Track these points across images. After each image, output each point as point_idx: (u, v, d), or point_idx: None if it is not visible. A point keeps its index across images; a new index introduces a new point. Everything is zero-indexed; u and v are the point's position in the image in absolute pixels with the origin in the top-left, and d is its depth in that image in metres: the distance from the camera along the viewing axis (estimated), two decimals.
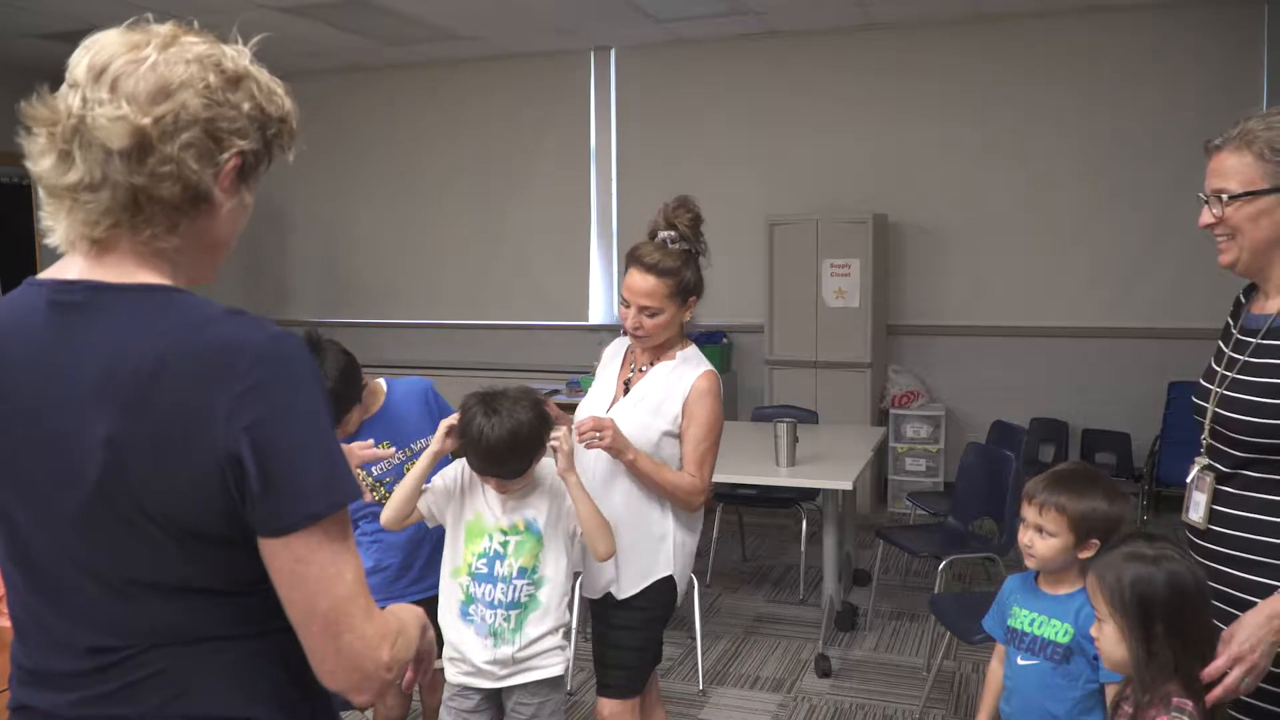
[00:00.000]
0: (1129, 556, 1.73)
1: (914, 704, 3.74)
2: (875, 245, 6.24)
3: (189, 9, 5.85)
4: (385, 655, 1.09)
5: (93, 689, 1.09)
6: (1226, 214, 1.80)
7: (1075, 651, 2.08)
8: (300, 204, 8.04)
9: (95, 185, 1.05)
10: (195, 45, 1.09)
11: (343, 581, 1.06)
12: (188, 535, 1.05)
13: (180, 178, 1.06)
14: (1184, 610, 1.67)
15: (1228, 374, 1.87)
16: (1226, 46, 5.99)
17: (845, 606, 4.47)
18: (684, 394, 2.50)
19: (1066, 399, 6.39)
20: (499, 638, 2.32)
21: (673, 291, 2.44)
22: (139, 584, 1.07)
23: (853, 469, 4.11)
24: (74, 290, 1.08)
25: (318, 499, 1.05)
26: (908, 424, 6.46)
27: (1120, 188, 6.22)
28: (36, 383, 1.06)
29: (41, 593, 1.11)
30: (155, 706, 1.08)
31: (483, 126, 7.59)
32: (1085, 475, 2.19)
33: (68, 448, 1.04)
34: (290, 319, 7.98)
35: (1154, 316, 6.20)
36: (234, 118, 1.10)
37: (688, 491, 2.50)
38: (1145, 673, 1.66)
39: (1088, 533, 2.10)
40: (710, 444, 2.52)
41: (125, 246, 1.08)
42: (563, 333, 7.46)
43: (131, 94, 1.04)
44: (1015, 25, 6.36)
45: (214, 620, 1.10)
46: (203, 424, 1.02)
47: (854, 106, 6.72)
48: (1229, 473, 1.85)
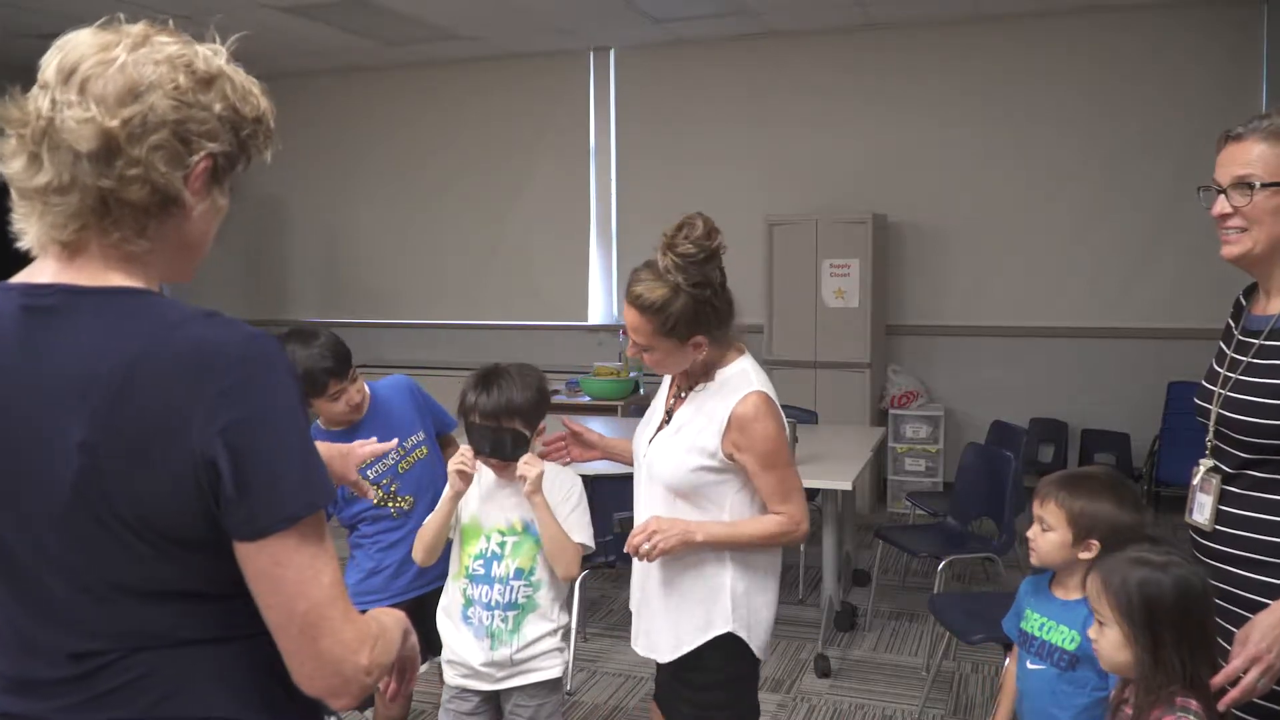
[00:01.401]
0: (1135, 561, 1.70)
1: (913, 704, 3.74)
2: (874, 245, 6.24)
3: (190, 8, 5.88)
4: (365, 659, 1.08)
5: (78, 695, 1.07)
6: (1255, 201, 1.75)
7: (1082, 659, 2.05)
8: (300, 204, 8.04)
9: (64, 188, 1.03)
10: (167, 45, 1.07)
11: (320, 584, 1.05)
12: (165, 539, 1.04)
13: (149, 180, 1.05)
14: (1191, 617, 1.65)
15: (1231, 375, 1.87)
16: (1226, 46, 5.99)
17: (844, 606, 4.46)
18: (721, 426, 2.16)
19: (1066, 399, 6.39)
20: (496, 639, 2.32)
21: (658, 330, 2.12)
22: (120, 588, 1.06)
23: (852, 469, 4.10)
24: (46, 294, 1.06)
25: (294, 501, 1.04)
26: (907, 424, 6.46)
27: (1120, 188, 6.23)
28: (9, 387, 1.05)
29: (22, 600, 1.09)
30: (142, 710, 1.07)
31: (482, 126, 7.59)
32: (1098, 476, 2.13)
33: (43, 453, 1.03)
34: (290, 319, 7.98)
35: (1153, 317, 6.21)
36: (204, 119, 1.08)
37: (782, 534, 2.19)
38: (1151, 680, 1.65)
39: (1087, 531, 2.06)
40: (782, 470, 2.18)
41: (95, 249, 1.07)
42: (562, 333, 7.46)
43: (100, 96, 1.02)
44: (1015, 25, 6.36)
45: (200, 623, 1.09)
46: (177, 427, 1.01)
47: (853, 106, 6.72)
48: (1234, 473, 1.85)
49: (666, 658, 2.26)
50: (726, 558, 2.21)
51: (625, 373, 6.55)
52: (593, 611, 4.70)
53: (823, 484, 4.03)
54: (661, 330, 2.12)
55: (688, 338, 2.14)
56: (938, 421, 6.40)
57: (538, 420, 2.38)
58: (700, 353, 2.18)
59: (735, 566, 2.21)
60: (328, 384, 2.59)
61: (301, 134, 7.53)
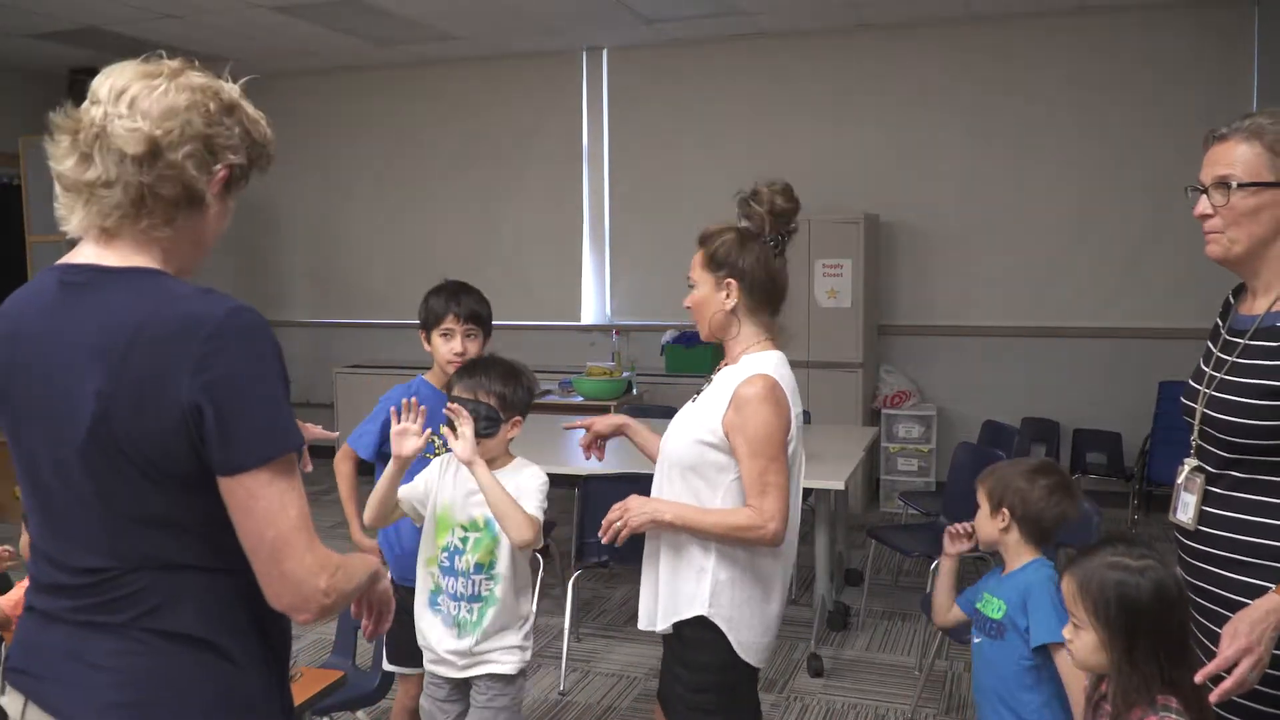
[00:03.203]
0: (1111, 565, 1.70)
1: (906, 703, 3.74)
2: (867, 245, 6.25)
3: (187, 9, 5.87)
4: (323, 583, 1.29)
5: (87, 600, 1.31)
6: (1232, 202, 1.77)
7: (1007, 627, 2.17)
8: (290, 202, 8.02)
9: (110, 183, 1.29)
10: (197, 78, 1.35)
11: (287, 516, 1.27)
12: (160, 473, 1.26)
13: (181, 180, 1.31)
14: (1169, 620, 1.65)
15: (1216, 374, 1.87)
16: (1217, 48, 6.02)
17: (837, 606, 4.47)
18: (725, 402, 2.17)
19: (1058, 399, 6.41)
20: (462, 629, 2.37)
21: (704, 261, 2.24)
22: (123, 514, 1.28)
23: (844, 469, 4.11)
24: (81, 272, 1.32)
25: (264, 445, 1.26)
26: (899, 424, 6.47)
27: (1111, 188, 6.25)
28: (46, 347, 1.30)
29: (51, 522, 1.34)
30: (131, 618, 1.30)
31: (475, 126, 7.58)
32: (1025, 460, 2.36)
33: (68, 400, 1.26)
34: (283, 319, 7.98)
35: (1145, 317, 6.23)
36: (228, 136, 1.35)
37: (749, 527, 2.14)
38: (1128, 682, 1.64)
39: (999, 502, 2.25)
40: (767, 461, 2.14)
41: (127, 235, 1.32)
42: (555, 333, 7.46)
43: (146, 111, 1.29)
44: (1006, 26, 6.38)
45: (184, 550, 1.30)
46: (169, 380, 1.23)
47: (846, 107, 6.73)
48: (1217, 473, 1.85)
49: (646, 626, 2.33)
50: (711, 544, 2.21)
51: (618, 373, 6.54)
52: (586, 612, 4.70)
53: (815, 483, 4.03)
54: (706, 263, 2.25)
55: (723, 276, 2.22)
56: (930, 421, 6.41)
57: (515, 409, 2.40)
58: (730, 299, 2.22)
59: (718, 555, 2.21)
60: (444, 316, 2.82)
61: (293, 133, 7.49)
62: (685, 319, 7.18)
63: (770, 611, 2.27)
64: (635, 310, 7.34)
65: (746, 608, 2.23)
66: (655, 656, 4.24)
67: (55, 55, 7.11)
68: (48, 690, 1.33)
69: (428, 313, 2.88)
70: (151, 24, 6.17)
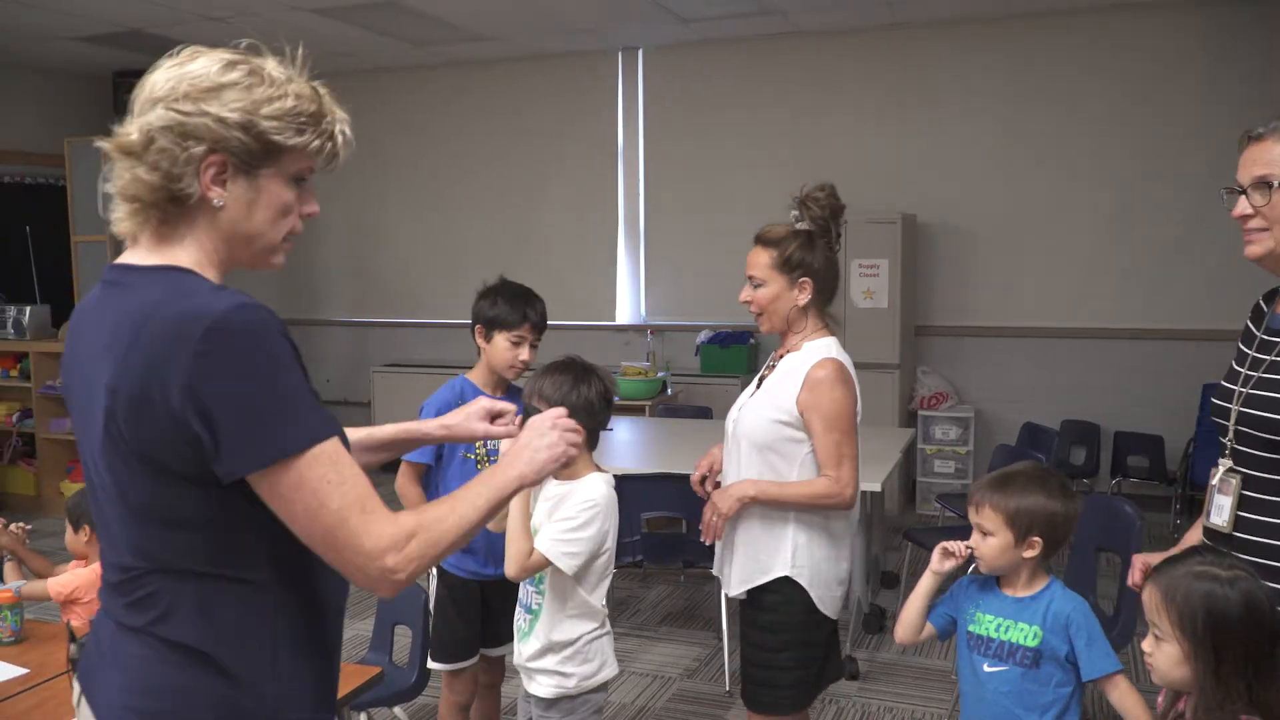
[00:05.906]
0: (1199, 575, 1.63)
1: (942, 708, 3.71)
2: (904, 245, 6.20)
3: (230, 11, 5.94)
4: (389, 561, 1.24)
5: (119, 598, 1.31)
6: (1274, 201, 1.74)
7: (1045, 655, 2.01)
8: (329, 202, 8.06)
9: (120, 190, 1.30)
10: (182, 65, 1.31)
11: (327, 510, 1.22)
12: (164, 470, 1.23)
13: (161, 174, 1.27)
14: (1259, 635, 1.58)
15: (1253, 374, 1.85)
16: (1259, 45, 5.90)
17: (873, 609, 4.44)
18: (798, 385, 2.42)
19: (1098, 401, 6.32)
20: (520, 635, 2.37)
21: (776, 263, 2.46)
22: (139, 511, 1.26)
23: (881, 470, 4.09)
24: (117, 271, 1.33)
25: (267, 445, 1.20)
26: (936, 425, 6.42)
27: (1153, 188, 6.16)
28: (83, 346, 1.32)
29: (98, 516, 1.35)
30: (147, 623, 1.28)
31: (510, 127, 7.62)
32: (1025, 472, 2.11)
33: (92, 396, 1.27)
34: (322, 318, 8.05)
35: (1187, 318, 6.13)
36: (198, 125, 1.27)
37: (824, 497, 2.42)
38: (1211, 699, 1.57)
39: (1026, 530, 2.03)
40: (841, 435, 2.42)
41: (149, 235, 1.32)
42: (590, 333, 7.47)
43: (136, 113, 1.30)
44: (1045, 24, 6.30)
45: (200, 555, 1.26)
46: (164, 378, 1.19)
47: (882, 106, 6.69)
48: (1253, 475, 1.82)
49: (733, 591, 2.55)
50: (790, 512, 2.45)
51: (653, 372, 6.54)
52: (620, 611, 4.70)
53: None
54: (777, 264, 2.45)
55: (796, 276, 2.45)
56: (967, 423, 6.36)
57: (587, 421, 2.21)
58: (804, 296, 2.46)
59: (795, 521, 2.46)
60: (518, 324, 2.86)
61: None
62: (719, 319, 7.21)
63: (843, 568, 2.55)
64: (670, 310, 7.34)
65: (824, 565, 2.48)
66: (690, 656, 4.24)
67: (99, 58, 7.23)
68: (90, 685, 1.37)
69: (495, 314, 2.81)
70: (194, 26, 6.25)
